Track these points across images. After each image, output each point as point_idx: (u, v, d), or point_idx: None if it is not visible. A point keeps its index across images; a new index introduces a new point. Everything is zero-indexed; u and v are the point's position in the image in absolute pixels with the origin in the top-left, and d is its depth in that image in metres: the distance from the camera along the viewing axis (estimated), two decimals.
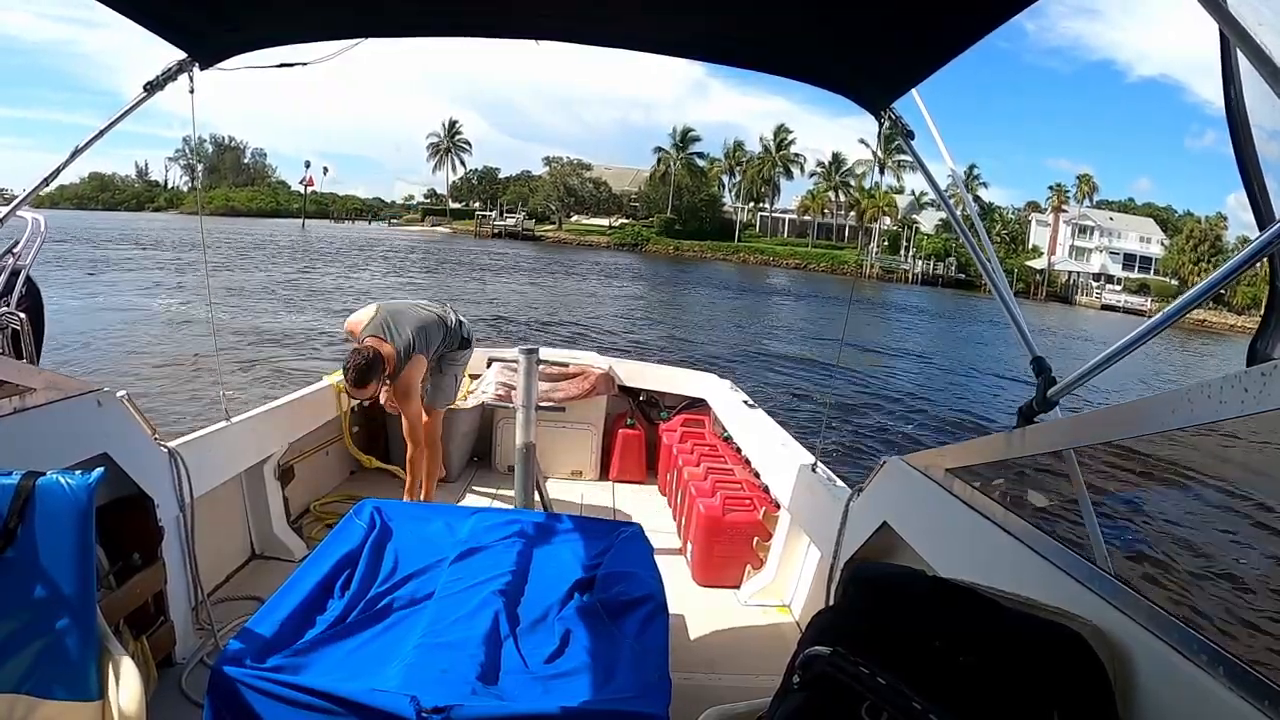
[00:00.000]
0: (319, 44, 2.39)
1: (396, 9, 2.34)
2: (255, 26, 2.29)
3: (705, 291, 37.12)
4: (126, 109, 2.28)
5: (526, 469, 2.88)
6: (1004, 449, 1.68)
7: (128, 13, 1.99)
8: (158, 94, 2.29)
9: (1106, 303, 57.86)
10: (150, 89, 2.27)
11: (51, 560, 1.40)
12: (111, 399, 2.20)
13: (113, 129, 2.26)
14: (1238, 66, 1.27)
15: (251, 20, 2.27)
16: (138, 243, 39.63)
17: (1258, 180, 1.23)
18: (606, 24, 2.34)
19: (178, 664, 2.37)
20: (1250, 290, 42.39)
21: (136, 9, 2.02)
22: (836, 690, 1.03)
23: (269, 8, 2.25)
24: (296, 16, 2.30)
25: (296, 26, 2.34)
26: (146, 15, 2.07)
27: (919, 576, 1.28)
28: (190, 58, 2.29)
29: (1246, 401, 1.00)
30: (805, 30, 2.11)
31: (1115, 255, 62.33)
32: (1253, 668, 0.99)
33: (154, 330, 15.03)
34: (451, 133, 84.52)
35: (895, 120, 2.32)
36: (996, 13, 1.64)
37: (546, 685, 1.60)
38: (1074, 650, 1.15)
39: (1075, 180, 66.46)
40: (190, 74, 2.32)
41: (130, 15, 2.01)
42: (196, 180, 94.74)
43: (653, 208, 71.04)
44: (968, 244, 2.14)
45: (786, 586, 3.19)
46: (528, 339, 16.39)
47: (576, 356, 4.89)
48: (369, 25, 2.39)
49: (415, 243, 58.52)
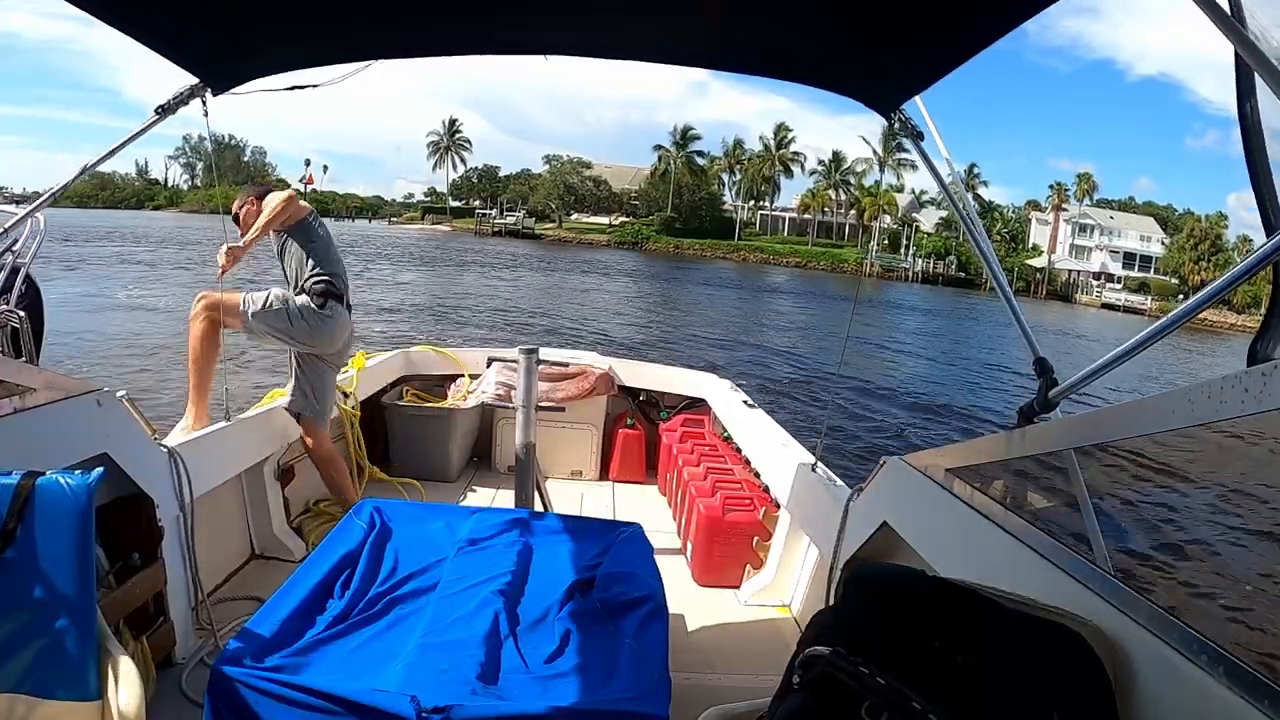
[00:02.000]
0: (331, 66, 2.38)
1: (409, 31, 2.31)
2: (269, 52, 2.28)
3: (705, 290, 37.10)
4: (138, 131, 2.28)
5: (526, 469, 2.88)
6: (1004, 449, 1.68)
7: (142, 38, 1.99)
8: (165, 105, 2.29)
9: (1107, 301, 57.93)
10: (162, 112, 2.27)
11: (51, 560, 1.39)
12: (111, 399, 2.20)
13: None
14: (1254, 75, 1.26)
15: (265, 46, 2.26)
16: (137, 240, 39.64)
17: (1267, 185, 1.23)
18: (618, 37, 2.32)
19: (178, 664, 2.36)
20: (1251, 289, 42.38)
21: (151, 35, 2.02)
22: (836, 690, 1.03)
23: (283, 33, 2.23)
24: (310, 41, 2.29)
25: (309, 52, 2.33)
26: (161, 41, 2.07)
27: (919, 576, 1.28)
28: (202, 83, 2.28)
29: (1246, 401, 1.00)
30: (819, 36, 2.09)
31: (1115, 254, 62.39)
32: (1253, 668, 0.99)
33: (154, 330, 15.03)
34: (452, 132, 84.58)
35: (905, 121, 2.29)
36: (1011, 16, 1.63)
37: (546, 685, 1.60)
38: (1074, 650, 1.15)
39: (1075, 179, 66.55)
40: (203, 99, 2.32)
41: (145, 41, 2.01)
42: (197, 180, 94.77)
43: (653, 206, 71.03)
44: (972, 243, 2.14)
45: (786, 586, 3.19)
46: (528, 339, 16.39)
47: (576, 356, 4.89)
48: (382, 48, 2.37)
49: (414, 241, 58.49)
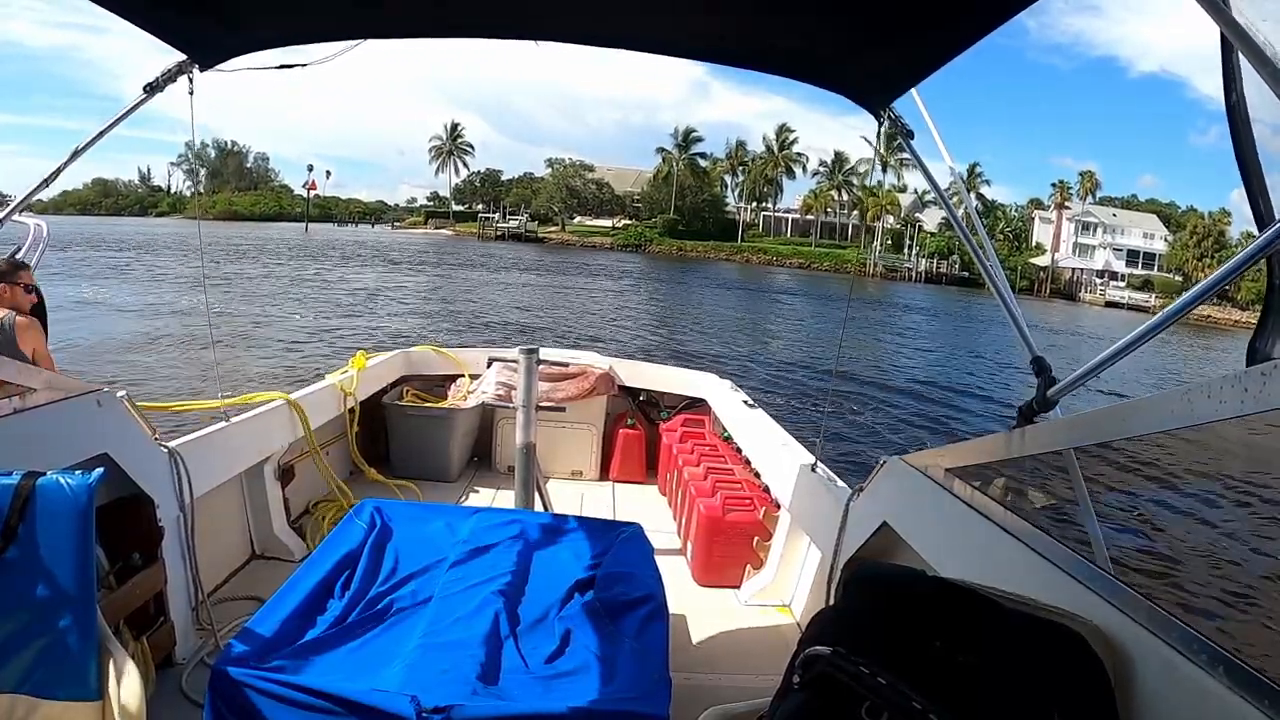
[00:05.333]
0: (318, 45, 2.39)
1: (395, 10, 2.34)
2: (254, 28, 2.29)
3: (708, 292, 37.08)
4: (126, 110, 2.28)
5: (526, 469, 2.88)
6: (1004, 449, 1.67)
7: (125, 14, 1.99)
8: (157, 96, 2.30)
9: (1110, 299, 57.77)
10: (150, 90, 2.28)
11: (52, 560, 1.40)
12: (111, 399, 2.20)
13: (112, 131, 2.27)
14: (1239, 67, 1.27)
15: (250, 21, 2.27)
16: (139, 246, 39.75)
17: (1258, 180, 1.23)
18: (606, 24, 2.34)
19: (178, 664, 2.37)
20: (1255, 285, 42.18)
21: (134, 11, 2.02)
22: (837, 690, 1.03)
23: (268, 9, 2.25)
24: (295, 18, 2.30)
25: (295, 28, 2.34)
26: (144, 17, 2.07)
27: (919, 576, 1.28)
28: (189, 59, 2.29)
29: (1246, 401, 0.99)
30: (805, 30, 2.11)
31: (1119, 251, 62.24)
32: (1253, 667, 0.98)
33: (154, 331, 15.08)
34: (454, 136, 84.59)
35: (895, 120, 2.33)
36: (996, 13, 1.64)
37: (547, 685, 1.60)
38: (1074, 650, 1.14)
39: (1078, 177, 66.41)
40: (190, 75, 2.32)
41: (128, 17, 2.01)
42: (198, 183, 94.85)
43: (655, 208, 71.01)
44: (968, 244, 2.14)
45: (787, 586, 3.19)
46: (528, 339, 16.40)
47: (577, 356, 4.89)
48: (367, 26, 2.39)
49: (418, 245, 58.59)
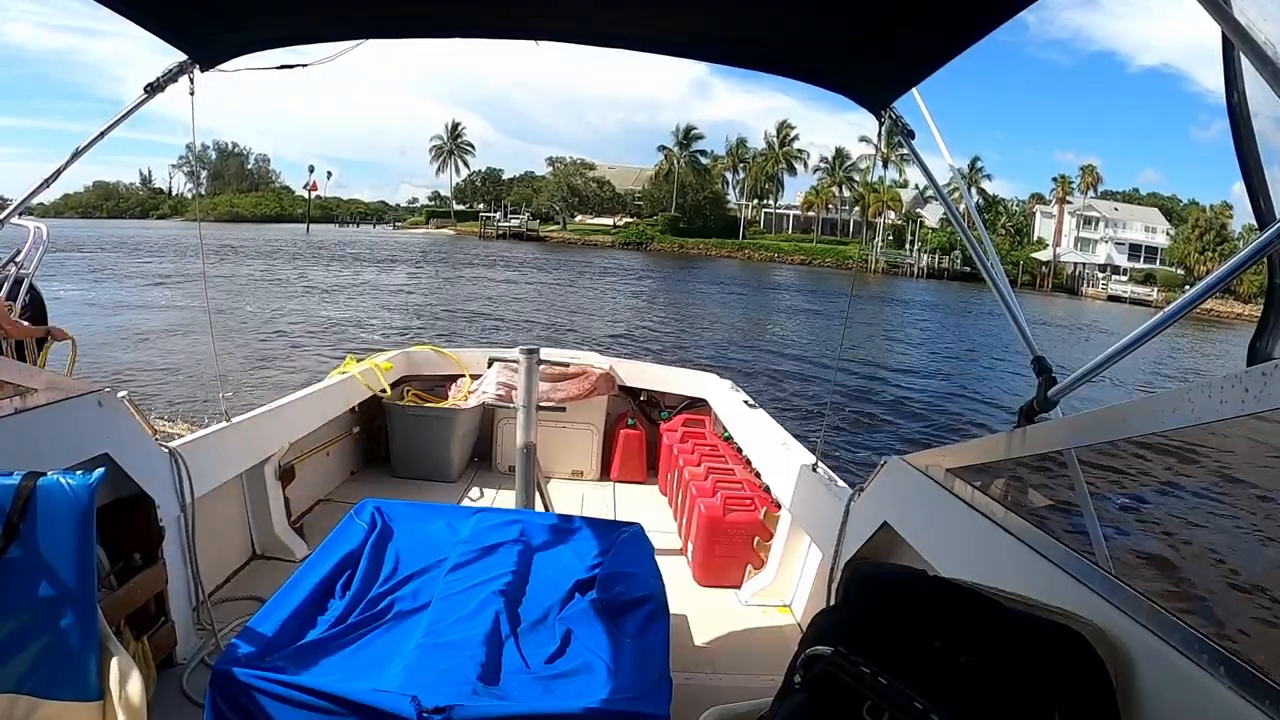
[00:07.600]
0: (319, 45, 2.39)
1: (395, 10, 2.34)
2: (255, 27, 2.29)
3: (710, 289, 37.06)
4: (126, 110, 2.28)
5: (527, 469, 2.88)
6: (1004, 449, 1.67)
7: (126, 13, 1.99)
8: (158, 96, 2.30)
9: (1113, 294, 57.48)
10: (151, 90, 2.28)
11: (52, 560, 1.40)
12: (112, 400, 2.20)
13: (113, 132, 2.27)
14: (1240, 64, 1.26)
15: (251, 21, 2.27)
16: (140, 248, 39.79)
17: (1259, 178, 1.23)
18: (606, 25, 2.34)
19: (179, 664, 2.37)
20: (1257, 278, 42.00)
21: (135, 10, 2.03)
22: (838, 690, 1.03)
23: (268, 9, 2.25)
24: (296, 18, 2.30)
25: (296, 28, 2.34)
26: (145, 16, 2.07)
27: (920, 576, 1.28)
28: (191, 59, 2.29)
29: (1246, 401, 0.99)
30: (804, 31, 2.11)
31: (1121, 246, 61.96)
32: (1254, 667, 0.98)
33: (154, 332, 15.09)
34: (455, 135, 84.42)
35: (895, 120, 2.32)
36: (995, 13, 1.64)
37: (547, 685, 1.60)
38: (1075, 650, 1.14)
39: (1079, 171, 66.10)
40: (191, 75, 2.32)
41: (130, 16, 2.01)
42: (199, 185, 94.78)
43: (657, 206, 70.92)
44: (968, 242, 2.14)
45: (787, 586, 3.19)
46: (529, 339, 16.41)
47: (577, 356, 4.89)
48: (368, 27, 2.39)
49: (419, 245, 58.60)
